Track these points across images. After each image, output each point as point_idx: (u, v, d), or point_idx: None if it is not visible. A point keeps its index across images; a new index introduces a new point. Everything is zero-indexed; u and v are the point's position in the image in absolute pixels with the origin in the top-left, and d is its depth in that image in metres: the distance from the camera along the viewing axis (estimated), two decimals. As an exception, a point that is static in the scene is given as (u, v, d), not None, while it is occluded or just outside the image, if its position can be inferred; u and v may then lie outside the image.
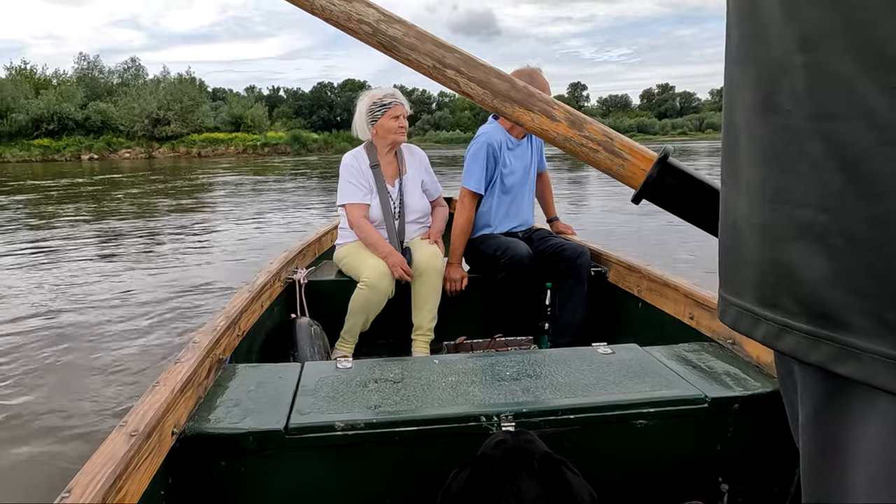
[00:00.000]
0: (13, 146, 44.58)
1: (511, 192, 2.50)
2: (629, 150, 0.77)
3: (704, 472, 1.28)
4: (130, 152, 45.70)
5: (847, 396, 0.40)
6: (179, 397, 1.11)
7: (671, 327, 1.86)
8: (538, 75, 2.40)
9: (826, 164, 0.37)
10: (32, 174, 24.00)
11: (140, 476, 0.93)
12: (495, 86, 0.80)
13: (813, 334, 0.40)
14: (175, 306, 4.10)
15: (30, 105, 45.75)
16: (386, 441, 1.15)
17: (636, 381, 1.31)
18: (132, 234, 7.60)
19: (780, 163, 0.41)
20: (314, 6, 0.78)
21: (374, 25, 0.78)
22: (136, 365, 3.05)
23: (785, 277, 0.42)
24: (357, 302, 2.19)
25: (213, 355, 1.35)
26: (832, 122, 0.36)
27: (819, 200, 0.38)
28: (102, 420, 2.44)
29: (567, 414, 1.19)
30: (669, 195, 0.74)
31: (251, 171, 22.95)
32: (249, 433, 1.10)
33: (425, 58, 0.79)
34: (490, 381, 1.31)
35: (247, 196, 12.94)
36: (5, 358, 3.18)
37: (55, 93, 47.62)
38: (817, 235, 0.38)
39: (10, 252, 6.41)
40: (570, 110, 0.80)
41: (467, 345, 2.24)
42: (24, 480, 2.05)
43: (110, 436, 0.93)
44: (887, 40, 0.33)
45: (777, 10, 0.41)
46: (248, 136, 49.24)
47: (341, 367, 1.38)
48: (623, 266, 2.28)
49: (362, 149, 2.41)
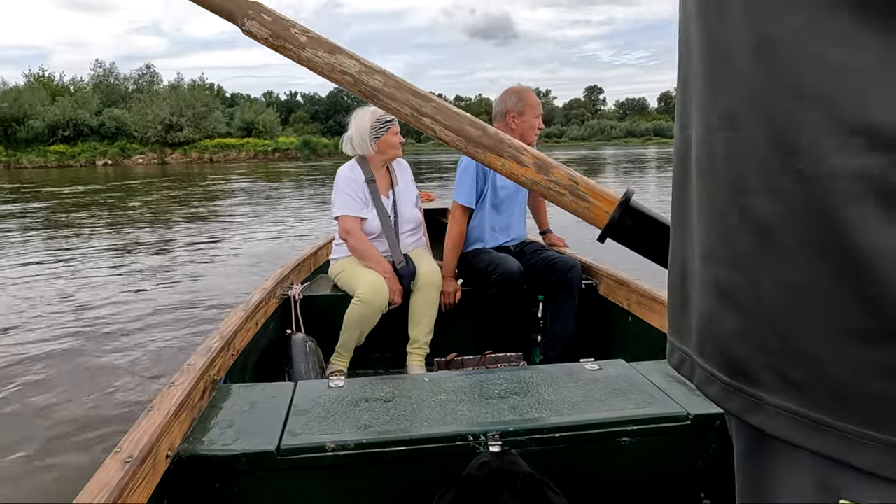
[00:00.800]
0: (30, 152, 45.33)
1: (502, 207, 2.53)
2: (593, 194, 0.82)
3: (686, 487, 1.30)
4: (144, 158, 46.26)
5: (766, 444, 0.43)
6: (174, 420, 1.13)
7: (659, 341, 1.88)
8: (528, 93, 2.46)
9: (741, 229, 0.41)
10: (49, 180, 24.38)
11: (136, 500, 0.95)
12: (469, 133, 0.85)
13: (729, 385, 0.44)
14: (187, 316, 4.18)
15: (46, 112, 46.47)
16: (375, 461, 1.17)
17: (621, 398, 1.33)
18: (146, 243, 7.72)
19: (707, 223, 0.45)
20: (301, 57, 0.85)
21: (355, 76, 0.84)
22: (148, 370, 3.12)
23: (710, 329, 0.45)
24: (352, 317, 2.21)
25: (208, 377, 1.37)
26: (747, 194, 0.40)
27: (734, 261, 0.42)
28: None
29: (553, 432, 1.22)
30: (631, 235, 0.79)
31: (263, 176, 23.15)
32: (242, 454, 1.12)
33: (404, 106, 0.85)
34: (478, 399, 1.34)
35: (260, 203, 13.07)
36: (24, 364, 3.27)
37: (71, 99, 48.41)
38: (731, 293, 0.42)
39: (27, 261, 6.54)
40: (538, 155, 0.85)
41: (458, 361, 2.27)
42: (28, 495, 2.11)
43: (105, 462, 0.96)
44: (792, 127, 0.36)
45: (703, 83, 0.45)
46: (259, 142, 49.66)
47: (333, 386, 1.40)
48: (613, 279, 2.31)
49: (356, 163, 2.43)
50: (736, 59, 0.40)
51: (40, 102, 47.29)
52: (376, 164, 2.43)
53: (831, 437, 0.37)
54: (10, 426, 2.59)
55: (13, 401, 2.83)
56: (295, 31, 0.84)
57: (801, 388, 0.38)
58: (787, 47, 0.35)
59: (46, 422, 2.62)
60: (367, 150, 2.39)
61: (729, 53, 0.40)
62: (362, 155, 2.42)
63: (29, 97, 47.49)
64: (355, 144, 2.40)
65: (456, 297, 2.44)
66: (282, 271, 2.40)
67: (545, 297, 2.45)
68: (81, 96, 49.69)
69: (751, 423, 0.42)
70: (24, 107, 46.47)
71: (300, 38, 0.84)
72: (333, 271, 2.45)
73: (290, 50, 0.84)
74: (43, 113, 46.38)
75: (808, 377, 0.38)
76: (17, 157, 44.83)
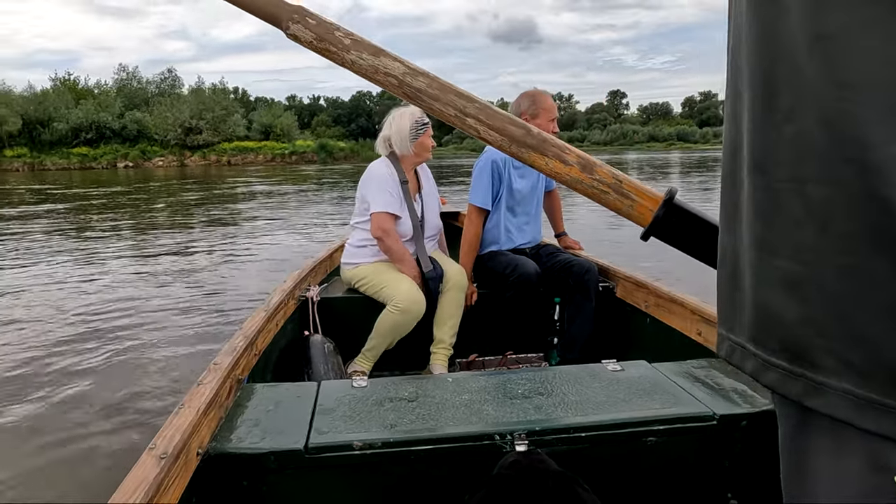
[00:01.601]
0: (54, 154, 46.38)
1: (518, 209, 2.53)
2: (636, 192, 0.82)
3: (713, 487, 1.30)
4: (164, 160, 47.00)
5: (813, 426, 0.45)
6: (203, 419, 1.14)
7: (679, 343, 1.87)
8: (542, 96, 2.46)
9: (800, 219, 0.42)
10: (73, 182, 24.86)
11: (169, 497, 0.96)
12: (512, 133, 0.85)
13: (790, 371, 0.45)
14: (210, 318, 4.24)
15: (70, 114, 47.54)
16: (402, 460, 1.17)
17: (645, 398, 1.33)
18: (169, 243, 7.83)
19: (763, 215, 0.46)
20: (345, 60, 0.85)
21: (400, 78, 0.85)
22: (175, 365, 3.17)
23: (767, 318, 0.47)
24: (386, 324, 2.18)
25: (233, 376, 1.39)
26: (805, 184, 0.42)
27: (794, 251, 0.43)
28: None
29: (578, 432, 1.22)
30: (675, 233, 0.79)
31: (283, 179, 23.38)
32: (271, 453, 1.13)
33: (447, 107, 0.85)
34: (503, 399, 1.34)
35: (281, 205, 13.19)
36: (54, 358, 3.34)
37: (94, 103, 49.41)
38: (793, 283, 0.44)
39: (54, 260, 6.67)
40: (582, 154, 0.85)
41: (479, 362, 2.27)
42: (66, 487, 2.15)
43: (140, 458, 0.98)
44: (846, 118, 0.38)
45: (756, 78, 0.46)
46: (276, 145, 50.17)
47: (357, 386, 1.41)
48: (631, 282, 2.29)
49: (390, 162, 2.38)
50: (791, 54, 0.41)
51: (65, 105, 48.37)
52: (408, 166, 2.41)
53: (891, 417, 0.39)
54: (46, 416, 2.65)
55: (49, 390, 2.89)
56: (339, 35, 0.85)
57: (861, 372, 0.40)
58: (840, 43, 0.37)
59: (77, 412, 2.68)
60: (407, 150, 2.35)
61: (784, 49, 0.42)
62: (395, 155, 2.39)
63: (54, 100, 48.62)
64: (395, 144, 2.36)
65: (472, 299, 2.44)
66: (299, 273, 2.41)
67: (562, 300, 2.44)
68: (104, 99, 50.70)
69: (809, 405, 0.44)
70: (48, 110, 47.59)
71: (344, 41, 0.85)
72: (354, 276, 2.37)
73: (335, 53, 0.85)
74: (67, 116, 47.42)
75: (868, 361, 0.40)
76: (40, 158, 45.86)
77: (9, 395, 2.92)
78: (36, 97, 49.61)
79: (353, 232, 2.45)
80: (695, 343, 1.80)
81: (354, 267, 2.39)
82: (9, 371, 3.24)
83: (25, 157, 45.56)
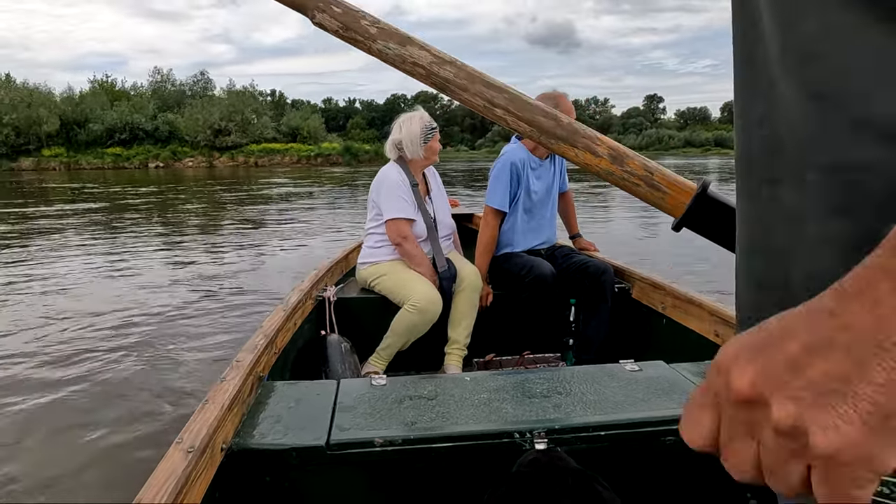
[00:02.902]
0: (88, 154, 47.91)
1: (534, 211, 2.55)
2: (668, 184, 0.79)
3: (733, 487, 1.27)
4: (193, 161, 48.06)
5: None
6: (227, 415, 1.16)
7: (696, 344, 1.87)
8: (563, 99, 2.47)
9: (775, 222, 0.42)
10: (109, 180, 25.57)
11: (195, 490, 0.98)
12: (542, 124, 0.83)
13: None
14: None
15: (105, 116, 49.01)
16: (422, 457, 1.18)
17: (664, 398, 1.33)
18: (201, 244, 7.97)
19: (745, 217, 0.46)
20: (371, 49, 0.84)
21: (427, 67, 0.83)
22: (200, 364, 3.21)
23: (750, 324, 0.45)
24: (402, 324, 2.20)
25: (255, 373, 1.41)
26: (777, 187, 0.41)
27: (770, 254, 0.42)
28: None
29: (597, 430, 1.22)
30: (707, 224, 0.77)
31: (310, 180, 23.66)
32: (293, 449, 1.14)
33: (476, 98, 0.83)
34: (521, 397, 1.35)
35: (309, 206, 13.34)
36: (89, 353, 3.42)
37: (129, 105, 50.81)
38: (767, 285, 0.43)
39: (89, 257, 6.85)
40: (613, 145, 0.82)
41: (496, 362, 2.29)
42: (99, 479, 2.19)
43: (168, 451, 0.99)
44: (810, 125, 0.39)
45: (737, 83, 0.46)
46: (302, 147, 50.89)
47: (376, 385, 1.42)
48: (647, 283, 2.29)
49: (399, 166, 2.41)
50: (759, 61, 0.42)
51: (100, 107, 49.88)
52: (417, 169, 2.45)
53: None
54: (77, 404, 2.71)
55: (83, 379, 2.96)
56: (365, 23, 0.83)
57: None
58: (804, 52, 0.37)
59: (106, 402, 2.73)
60: (417, 154, 2.39)
61: (754, 56, 0.42)
62: (404, 159, 2.43)
63: (91, 102, 50.16)
64: (405, 148, 2.39)
65: (488, 300, 2.46)
66: (316, 273, 2.45)
67: (577, 301, 2.45)
68: (138, 101, 52.06)
69: None
70: (85, 111, 49.15)
71: (370, 30, 0.83)
72: (369, 275, 2.40)
73: (361, 42, 0.83)
74: (102, 117, 48.88)
75: None
76: (76, 158, 47.42)
77: (42, 383, 2.99)
78: (73, 99, 51.28)
79: (367, 236, 2.48)
80: (712, 344, 1.79)
81: (372, 265, 2.41)
82: (32, 361, 3.33)
83: (62, 157, 47.16)
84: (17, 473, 2.18)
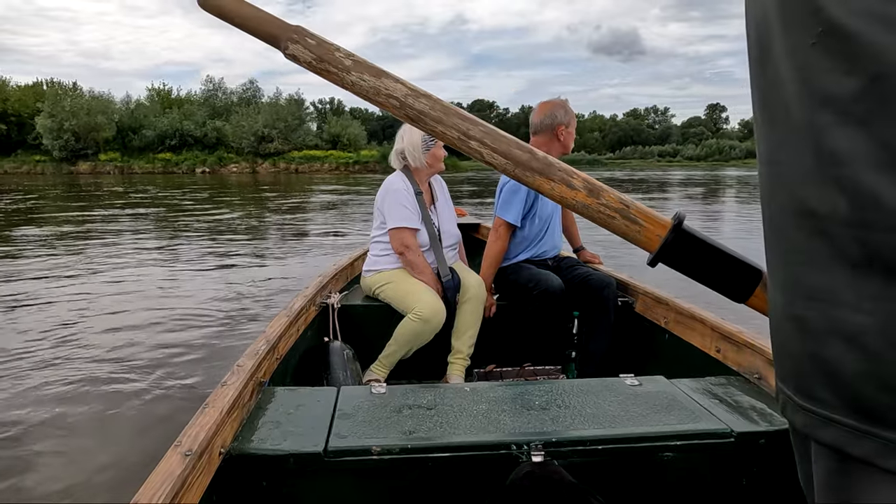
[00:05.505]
0: (141, 158, 50.26)
1: (542, 221, 2.54)
2: (644, 217, 0.78)
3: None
4: (237, 167, 49.68)
5: (860, 474, 0.41)
6: (226, 419, 1.17)
7: (697, 360, 1.84)
8: (570, 106, 2.49)
9: (864, 267, 0.38)
10: (163, 184, 26.65)
11: (192, 494, 0.99)
12: (517, 156, 0.81)
13: (856, 429, 0.41)
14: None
15: (157, 122, 51.24)
16: (419, 466, 1.18)
17: (663, 413, 1.32)
18: (243, 247, 8.19)
19: (816, 263, 0.42)
20: (345, 81, 0.83)
21: (401, 100, 0.82)
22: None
23: (822, 372, 0.43)
24: (406, 332, 2.20)
25: (255, 379, 1.42)
26: (869, 230, 0.38)
27: (855, 301, 0.39)
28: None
29: (595, 444, 1.21)
30: (683, 259, 0.77)
31: (351, 188, 24.05)
32: (290, 455, 1.16)
33: (451, 130, 0.82)
34: (520, 409, 1.35)
35: (351, 211, 13.56)
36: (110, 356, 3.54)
37: (179, 111, 52.96)
38: (853, 334, 0.40)
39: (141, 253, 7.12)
40: (589, 179, 0.81)
41: (497, 373, 2.28)
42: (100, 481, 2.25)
43: (166, 454, 1.00)
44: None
45: (757, 121, 0.45)
46: (342, 154, 51.87)
47: (375, 393, 1.43)
48: (650, 297, 2.26)
49: (404, 175, 2.41)
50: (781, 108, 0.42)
51: (153, 114, 52.18)
52: (422, 178, 2.46)
53: None
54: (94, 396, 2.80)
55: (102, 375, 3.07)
56: (339, 55, 0.83)
57: None
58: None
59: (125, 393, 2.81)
60: (420, 162, 2.40)
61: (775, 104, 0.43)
62: (409, 168, 2.44)
63: (146, 109, 52.54)
64: (409, 157, 2.41)
65: (491, 311, 2.46)
66: (321, 280, 2.45)
67: (580, 314, 2.43)
68: (189, 109, 54.16)
69: (882, 466, 0.40)
70: (139, 118, 51.51)
71: (345, 62, 0.83)
72: (374, 283, 2.40)
73: (335, 74, 0.83)
74: (154, 123, 51.09)
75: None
76: (129, 162, 49.78)
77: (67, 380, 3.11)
78: (129, 107, 53.78)
79: (373, 244, 2.49)
80: (713, 360, 1.77)
81: (377, 273, 2.42)
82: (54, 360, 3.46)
83: (116, 161, 49.63)
84: (17, 473, 2.23)
